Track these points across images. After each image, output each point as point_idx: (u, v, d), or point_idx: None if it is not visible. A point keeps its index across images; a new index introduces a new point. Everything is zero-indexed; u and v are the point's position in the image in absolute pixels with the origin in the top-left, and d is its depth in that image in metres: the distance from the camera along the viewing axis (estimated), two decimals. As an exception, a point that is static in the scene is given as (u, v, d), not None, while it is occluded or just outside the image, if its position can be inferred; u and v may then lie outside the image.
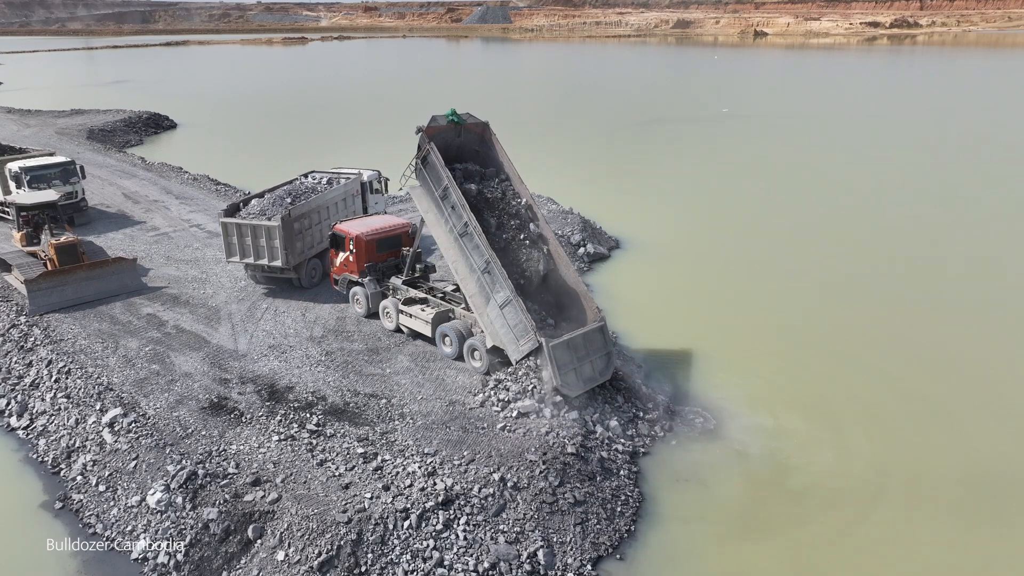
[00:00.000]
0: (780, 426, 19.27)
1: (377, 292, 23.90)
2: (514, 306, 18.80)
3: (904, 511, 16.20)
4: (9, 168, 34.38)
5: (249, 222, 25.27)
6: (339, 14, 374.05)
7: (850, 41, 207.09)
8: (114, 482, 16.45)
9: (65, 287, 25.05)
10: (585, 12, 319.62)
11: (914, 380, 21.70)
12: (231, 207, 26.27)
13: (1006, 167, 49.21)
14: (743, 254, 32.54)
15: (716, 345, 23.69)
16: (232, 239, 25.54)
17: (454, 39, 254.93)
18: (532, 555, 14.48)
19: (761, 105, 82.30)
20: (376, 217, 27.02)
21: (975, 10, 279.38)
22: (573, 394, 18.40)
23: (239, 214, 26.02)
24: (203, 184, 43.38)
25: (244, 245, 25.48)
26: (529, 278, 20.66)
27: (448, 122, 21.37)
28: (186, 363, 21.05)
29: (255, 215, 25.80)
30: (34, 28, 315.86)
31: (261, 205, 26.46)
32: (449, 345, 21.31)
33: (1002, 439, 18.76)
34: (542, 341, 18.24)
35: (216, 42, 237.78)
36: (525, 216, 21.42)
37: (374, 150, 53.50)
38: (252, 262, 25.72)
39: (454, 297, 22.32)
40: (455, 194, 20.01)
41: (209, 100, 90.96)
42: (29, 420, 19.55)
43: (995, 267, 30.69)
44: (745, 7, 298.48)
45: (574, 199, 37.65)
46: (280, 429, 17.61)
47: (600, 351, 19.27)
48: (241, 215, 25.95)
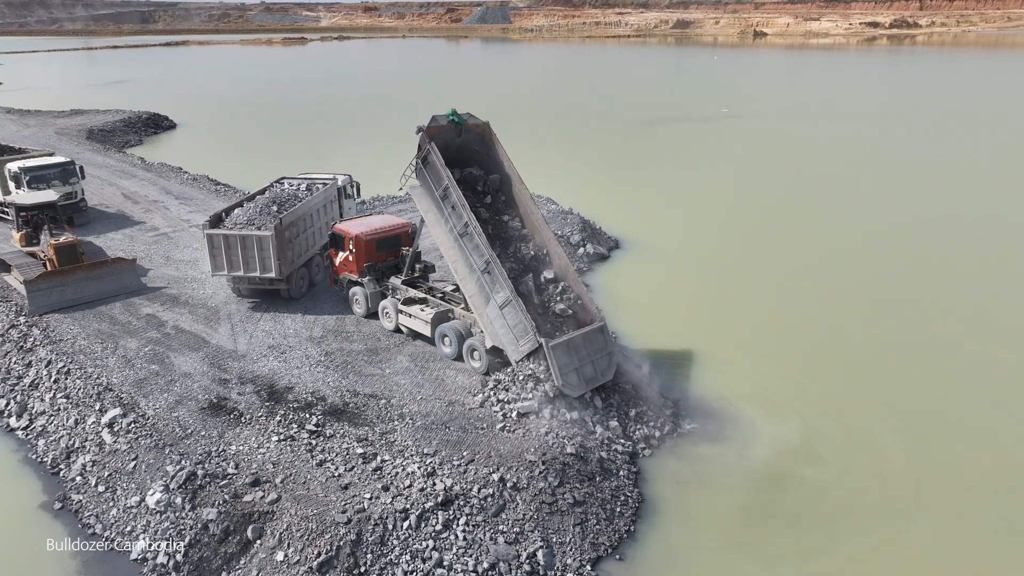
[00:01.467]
0: (781, 427, 19.26)
1: (376, 292, 23.86)
2: (514, 306, 18.78)
3: (907, 514, 16.18)
4: (9, 168, 34.38)
5: (239, 232, 24.01)
6: (339, 14, 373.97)
7: (850, 41, 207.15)
8: (113, 482, 16.45)
9: (64, 287, 25.04)
10: (585, 12, 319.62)
11: (918, 382, 21.69)
12: (214, 218, 24.81)
13: (1007, 167, 49.21)
14: (743, 254, 32.55)
15: (716, 345, 23.69)
16: (219, 251, 24.11)
17: (454, 39, 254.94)
18: (531, 555, 14.48)
19: (760, 105, 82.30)
20: (376, 217, 26.99)
21: (975, 10, 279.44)
22: (575, 394, 18.38)
23: (222, 225, 24.66)
24: (203, 184, 43.38)
25: (232, 257, 24.14)
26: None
27: (449, 122, 21.31)
28: (185, 363, 21.04)
29: (242, 225, 24.47)
30: (33, 28, 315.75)
31: (247, 214, 25.11)
32: (448, 345, 21.29)
33: (1006, 441, 18.77)
34: (542, 341, 18.22)
35: (216, 42, 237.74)
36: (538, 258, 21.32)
37: (374, 150, 53.56)
38: (242, 274, 24.47)
39: (453, 297, 22.30)
40: (455, 194, 19.99)
41: (209, 100, 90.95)
42: (28, 420, 19.55)
43: (996, 267, 30.69)
44: (744, 7, 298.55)
45: (573, 199, 37.65)
46: (279, 429, 17.60)
47: (601, 351, 19.25)
48: (225, 225, 24.58)
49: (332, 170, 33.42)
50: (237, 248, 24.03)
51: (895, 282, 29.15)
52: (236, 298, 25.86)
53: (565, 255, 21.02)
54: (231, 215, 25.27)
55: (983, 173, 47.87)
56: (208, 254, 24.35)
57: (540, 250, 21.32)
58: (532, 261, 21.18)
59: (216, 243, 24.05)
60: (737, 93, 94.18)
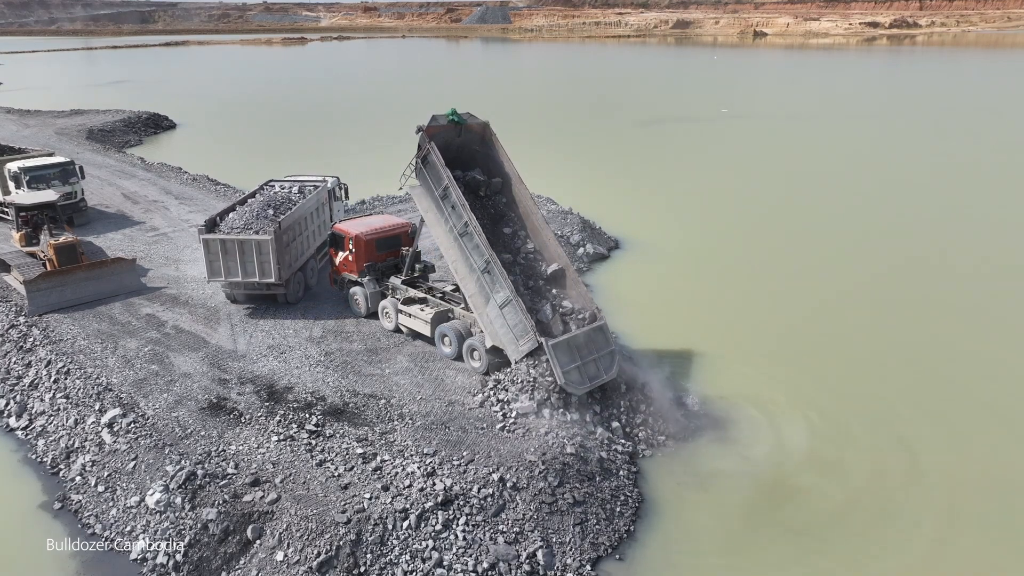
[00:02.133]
0: (781, 427, 19.26)
1: (376, 292, 23.85)
2: (514, 306, 18.78)
3: (909, 517, 16.15)
4: (8, 168, 34.37)
5: (238, 237, 23.41)
6: (339, 14, 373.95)
7: (849, 41, 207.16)
8: (113, 482, 16.45)
9: (64, 288, 25.03)
10: (584, 12, 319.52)
11: (919, 382, 21.66)
12: (209, 222, 24.14)
13: (1007, 167, 49.20)
14: (743, 253, 32.55)
15: (716, 345, 23.69)
16: (215, 257, 23.46)
17: (454, 39, 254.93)
18: (531, 555, 14.48)
19: (760, 105, 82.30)
20: (376, 217, 26.98)
21: (974, 10, 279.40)
22: (578, 392, 18.40)
23: (217, 230, 24.01)
24: (202, 184, 43.36)
25: (229, 263, 23.53)
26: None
27: (448, 121, 21.32)
28: (185, 363, 21.04)
29: (239, 229, 23.85)
30: (33, 28, 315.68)
31: (242, 219, 24.54)
32: (448, 345, 21.29)
33: (1007, 442, 18.77)
34: (542, 341, 18.23)
35: (215, 42, 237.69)
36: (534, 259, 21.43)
37: (374, 150, 53.57)
38: (240, 280, 23.97)
39: (453, 297, 22.29)
40: (455, 194, 19.99)
41: (208, 100, 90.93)
42: (28, 420, 19.55)
43: (997, 267, 30.67)
44: (744, 7, 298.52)
45: (573, 199, 37.64)
46: (279, 429, 17.60)
47: (603, 349, 19.28)
48: (220, 230, 23.93)
49: (320, 172, 33.25)
50: (235, 253, 23.46)
51: (896, 282, 29.14)
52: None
53: (566, 255, 21.05)
54: (226, 219, 24.71)
55: (983, 173, 47.87)
56: (205, 260, 23.75)
57: (541, 250, 21.33)
58: (533, 260, 21.20)
59: (213, 249, 23.42)
60: (737, 93, 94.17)
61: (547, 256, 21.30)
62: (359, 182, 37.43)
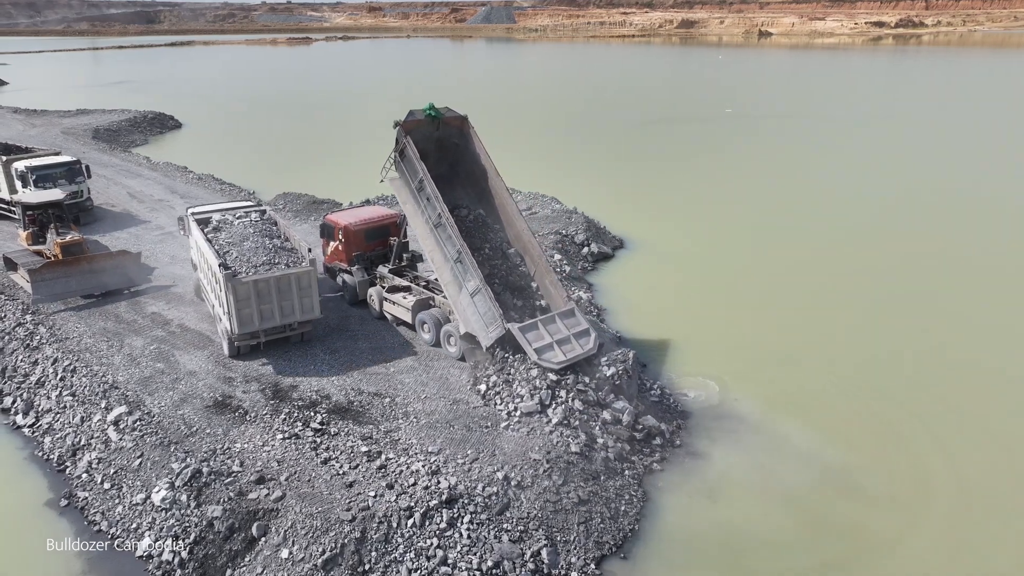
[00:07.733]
0: (788, 429, 19.20)
1: (364, 280, 24.51)
2: (483, 294, 19.40)
3: (914, 519, 16.10)
4: (15, 167, 34.49)
5: (273, 275, 20.30)
6: (343, 14, 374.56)
7: (855, 41, 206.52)
8: (119, 480, 16.51)
9: (69, 278, 25.08)
10: (589, 12, 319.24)
11: (928, 384, 21.57)
12: (224, 266, 20.04)
13: (1015, 166, 48.99)
14: (749, 253, 32.46)
15: (722, 346, 23.65)
16: (245, 303, 19.93)
17: (458, 39, 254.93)
18: (536, 554, 14.48)
19: (765, 105, 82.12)
20: (366, 208, 27.59)
21: (981, 10, 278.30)
22: (554, 367, 18.69)
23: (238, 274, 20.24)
24: (208, 183, 43.45)
25: (263, 307, 20.29)
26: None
27: (426, 116, 22.01)
28: (190, 361, 21.10)
29: (259, 268, 20.75)
30: (39, 28, 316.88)
31: (253, 257, 21.23)
32: (427, 331, 21.95)
33: (1011, 442, 18.70)
34: (508, 327, 18.87)
35: (221, 42, 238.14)
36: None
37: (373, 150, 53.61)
38: (278, 323, 20.81)
39: (436, 286, 22.85)
40: (430, 187, 20.73)
41: (214, 100, 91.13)
42: (35, 418, 19.64)
43: (1007, 269, 30.52)
44: (749, 7, 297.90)
45: (578, 198, 37.60)
46: (284, 427, 17.64)
47: (578, 327, 19.81)
48: (244, 273, 20.32)
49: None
50: (271, 294, 20.36)
51: (903, 283, 29.00)
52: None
53: (538, 245, 21.92)
54: (233, 262, 20.82)
55: (992, 172, 47.64)
56: (232, 311, 19.96)
57: (514, 241, 22.35)
58: (505, 250, 22.23)
59: (243, 295, 19.86)
60: (741, 93, 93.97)
61: (520, 247, 22.17)
62: (361, 181, 37.41)
